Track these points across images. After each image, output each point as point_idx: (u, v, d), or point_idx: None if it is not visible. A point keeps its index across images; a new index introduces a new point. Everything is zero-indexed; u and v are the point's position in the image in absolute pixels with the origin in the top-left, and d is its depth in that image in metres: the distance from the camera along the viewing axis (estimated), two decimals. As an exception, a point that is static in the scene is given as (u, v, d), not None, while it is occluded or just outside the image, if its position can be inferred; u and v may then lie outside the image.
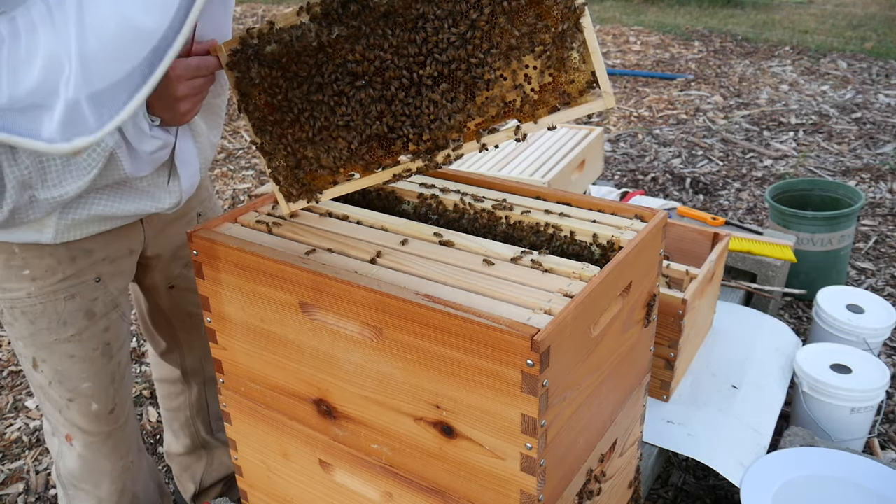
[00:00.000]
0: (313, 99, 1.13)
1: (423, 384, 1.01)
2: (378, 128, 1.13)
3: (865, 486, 1.58)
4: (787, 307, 2.89)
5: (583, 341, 1.01)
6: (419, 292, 0.98)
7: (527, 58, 1.08)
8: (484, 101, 1.10)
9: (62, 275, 1.34)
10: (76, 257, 1.35)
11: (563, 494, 1.07)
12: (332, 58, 1.10)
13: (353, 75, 1.11)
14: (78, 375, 1.43)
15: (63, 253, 1.33)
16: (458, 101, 1.10)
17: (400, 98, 1.11)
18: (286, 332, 1.13)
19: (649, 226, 1.16)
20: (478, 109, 1.11)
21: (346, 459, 1.18)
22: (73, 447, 1.51)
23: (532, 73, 1.08)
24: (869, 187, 3.79)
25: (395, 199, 1.34)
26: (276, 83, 1.12)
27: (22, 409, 2.54)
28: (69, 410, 1.45)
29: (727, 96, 5.18)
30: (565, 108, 1.09)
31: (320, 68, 1.11)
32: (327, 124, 1.14)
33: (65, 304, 1.36)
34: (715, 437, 1.71)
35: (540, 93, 1.09)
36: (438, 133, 1.12)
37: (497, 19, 1.05)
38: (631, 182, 3.99)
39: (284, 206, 1.22)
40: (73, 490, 1.57)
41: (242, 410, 1.29)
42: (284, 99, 1.14)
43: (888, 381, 1.88)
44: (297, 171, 1.19)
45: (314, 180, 1.20)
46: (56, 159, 1.16)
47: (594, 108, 1.09)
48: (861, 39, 6.40)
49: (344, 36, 1.08)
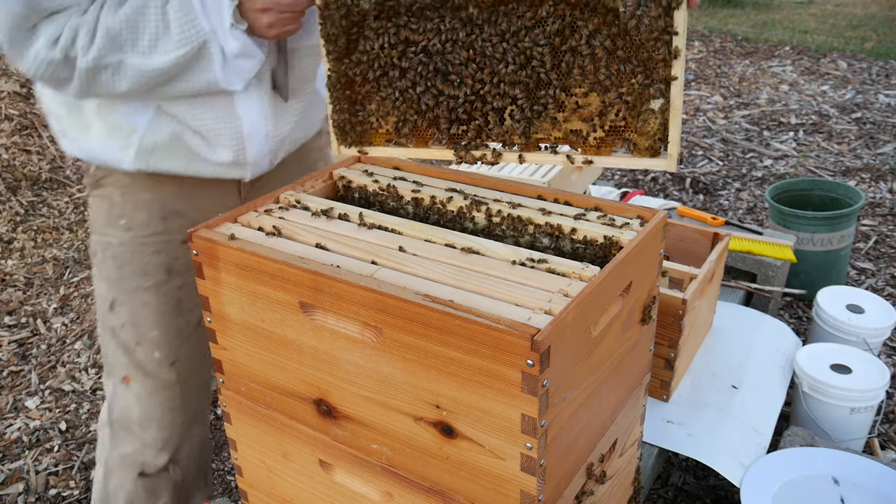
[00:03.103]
0: (397, 65, 1.16)
1: (423, 384, 1.01)
2: (445, 109, 1.16)
3: (865, 486, 1.58)
4: (787, 307, 2.89)
5: (583, 341, 1.01)
6: (419, 292, 0.98)
7: (609, 95, 1.07)
8: (552, 120, 1.12)
9: (153, 230, 1.48)
10: (167, 217, 1.48)
11: (564, 494, 1.07)
12: (427, 30, 1.13)
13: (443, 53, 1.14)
14: (148, 322, 1.53)
15: (157, 211, 1.47)
16: (526, 109, 1.12)
17: (479, 87, 1.13)
18: (286, 332, 1.13)
19: (649, 226, 1.16)
20: (544, 125, 1.12)
21: (346, 459, 1.18)
22: (130, 388, 1.58)
23: (609, 110, 1.08)
24: (869, 187, 3.79)
25: (395, 199, 1.34)
26: (364, 35, 1.17)
27: (22, 409, 2.54)
28: (134, 353, 1.55)
29: (727, 96, 5.18)
30: (626, 156, 1.10)
31: (415, 37, 1.14)
32: (397, 91, 1.18)
33: (150, 257, 1.49)
34: (715, 437, 1.71)
35: (608, 132, 1.09)
36: (499, 130, 1.14)
37: (595, 52, 1.05)
38: (631, 182, 3.99)
39: (336, 146, 1.28)
40: (121, 432, 1.62)
41: (242, 410, 1.29)
42: (364, 53, 1.18)
43: (888, 381, 1.88)
44: (354, 119, 1.25)
45: (368, 133, 1.26)
46: (151, 25, 1.21)
47: (655, 166, 1.09)
48: (861, 39, 6.40)
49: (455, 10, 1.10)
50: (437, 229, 1.19)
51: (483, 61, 1.12)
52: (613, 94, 1.07)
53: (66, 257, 3.49)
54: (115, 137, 1.37)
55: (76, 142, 1.42)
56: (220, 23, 1.25)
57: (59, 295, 3.20)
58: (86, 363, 2.76)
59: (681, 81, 1.04)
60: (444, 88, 1.16)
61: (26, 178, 3.99)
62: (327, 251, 1.13)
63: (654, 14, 1.00)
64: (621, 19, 1.02)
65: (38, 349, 2.86)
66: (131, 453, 1.63)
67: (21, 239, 3.59)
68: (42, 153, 4.19)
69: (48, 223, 3.73)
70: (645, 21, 1.00)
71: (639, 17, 1.00)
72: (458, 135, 1.19)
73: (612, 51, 1.05)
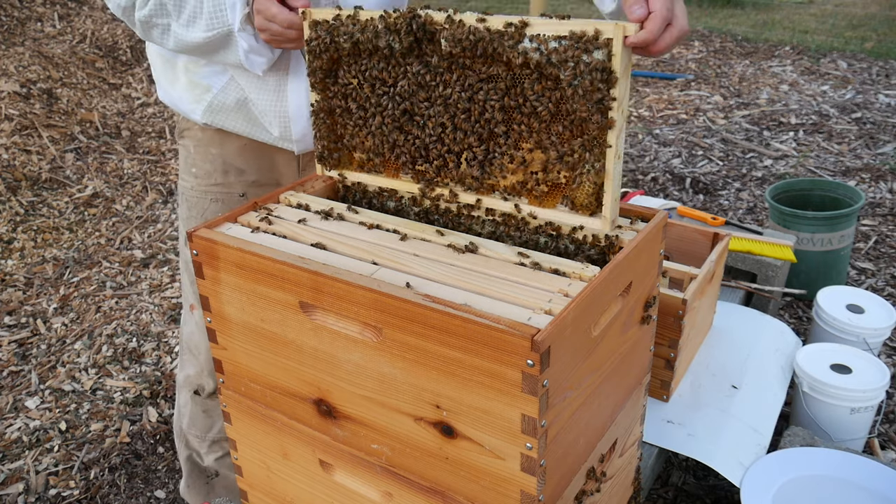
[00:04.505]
0: (371, 101, 1.27)
1: (424, 384, 1.01)
2: (411, 146, 1.26)
3: (865, 486, 1.58)
4: (787, 307, 2.89)
5: (583, 341, 1.01)
6: (419, 292, 0.98)
7: (551, 154, 1.13)
8: (501, 169, 1.19)
9: (215, 181, 1.66)
10: (228, 171, 1.65)
11: (564, 494, 1.07)
12: (396, 71, 1.22)
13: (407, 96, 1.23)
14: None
15: (220, 164, 1.64)
16: (479, 156, 1.20)
17: (439, 130, 1.22)
18: (286, 332, 1.13)
19: (649, 226, 1.16)
20: (495, 173, 1.20)
21: (347, 459, 1.18)
22: (193, 315, 1.78)
23: (551, 168, 1.14)
24: (869, 187, 3.79)
25: (395, 199, 1.34)
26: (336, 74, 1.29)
27: (22, 409, 2.54)
28: (197, 285, 1.70)
29: (727, 96, 5.18)
30: (567, 212, 1.16)
31: (389, 76, 1.23)
32: (370, 125, 1.29)
33: (210, 204, 1.68)
34: (715, 437, 1.71)
35: (550, 188, 1.16)
36: (456, 173, 1.23)
37: (540, 113, 1.11)
38: (631, 182, 3.99)
39: (319, 169, 1.39)
40: (186, 353, 1.84)
41: (242, 410, 1.29)
42: (343, 86, 1.29)
43: (888, 381, 1.88)
44: (334, 146, 1.36)
45: (346, 159, 1.36)
46: (191, 2, 1.38)
47: (591, 224, 1.14)
48: (861, 39, 6.40)
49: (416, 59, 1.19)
50: (437, 229, 1.19)
51: (443, 107, 1.19)
52: (554, 154, 1.13)
53: (66, 257, 3.49)
54: (193, 91, 1.56)
55: (165, 90, 1.63)
56: (235, 22, 1.37)
57: (59, 295, 3.20)
58: (86, 363, 2.76)
59: (616, 149, 1.07)
60: (410, 128, 1.25)
61: (26, 178, 3.99)
62: (327, 251, 1.13)
63: (590, 86, 1.04)
64: (561, 85, 1.07)
65: (38, 349, 2.86)
66: (192, 375, 1.83)
67: (21, 239, 3.59)
68: (42, 153, 4.19)
69: (48, 223, 3.73)
70: (580, 91, 1.05)
71: (575, 86, 1.05)
72: (423, 171, 1.27)
73: (556, 113, 1.11)
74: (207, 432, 1.88)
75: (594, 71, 1.03)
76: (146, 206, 3.98)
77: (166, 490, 2.23)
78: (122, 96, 5.00)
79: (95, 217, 3.85)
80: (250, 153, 1.64)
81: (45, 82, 4.72)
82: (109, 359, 2.80)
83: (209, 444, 1.89)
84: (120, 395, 2.60)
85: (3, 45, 4.95)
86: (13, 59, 4.80)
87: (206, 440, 1.88)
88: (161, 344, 2.88)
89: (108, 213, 3.90)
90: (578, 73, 1.04)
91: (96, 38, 5.43)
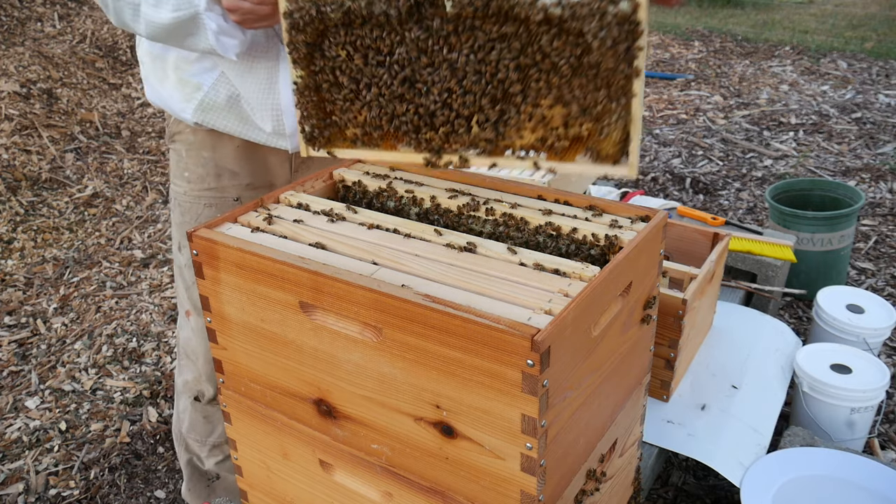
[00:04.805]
0: (364, 72, 1.19)
1: (424, 384, 1.01)
2: (414, 115, 1.19)
3: (865, 486, 1.58)
4: (787, 307, 2.89)
5: (583, 341, 1.01)
6: (419, 292, 0.98)
7: (573, 108, 1.10)
8: (517, 129, 1.14)
9: (208, 185, 1.62)
10: (221, 175, 1.62)
11: (564, 494, 1.07)
12: (391, 36, 1.15)
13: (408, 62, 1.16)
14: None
15: (212, 168, 1.61)
16: (493, 118, 1.15)
17: (446, 96, 1.16)
18: (286, 332, 1.13)
19: (649, 226, 1.16)
20: (510, 133, 1.15)
21: (347, 459, 1.18)
22: (189, 322, 1.76)
23: (572, 122, 1.11)
24: (869, 187, 3.79)
25: (395, 199, 1.34)
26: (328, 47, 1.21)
27: (22, 409, 2.54)
28: (192, 291, 1.71)
29: (727, 96, 5.18)
30: (588, 163, 1.13)
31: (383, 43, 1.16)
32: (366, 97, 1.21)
33: (204, 209, 1.65)
34: (715, 437, 1.71)
35: (571, 142, 1.12)
36: (467, 137, 1.17)
37: (561, 68, 1.08)
38: (631, 182, 3.99)
39: (304, 149, 1.31)
40: (184, 359, 1.82)
41: (242, 410, 1.29)
42: (331, 60, 1.21)
43: (888, 381, 1.88)
44: (322, 124, 1.28)
45: (336, 136, 1.29)
46: None
47: (615, 172, 1.12)
48: (861, 39, 6.40)
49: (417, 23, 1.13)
50: (437, 229, 1.19)
51: (450, 72, 1.14)
52: (576, 108, 1.10)
53: (66, 257, 3.49)
54: (183, 90, 1.52)
55: (154, 89, 1.59)
56: (202, 1, 1.32)
57: (59, 295, 3.20)
58: (86, 363, 2.76)
59: (640, 96, 1.07)
60: (413, 97, 1.18)
61: (26, 178, 3.99)
62: (327, 251, 1.13)
63: (617, 37, 1.02)
64: (586, 38, 1.04)
65: (38, 349, 2.86)
66: (190, 381, 1.80)
67: (21, 239, 3.59)
68: (42, 153, 4.19)
69: (48, 223, 3.73)
70: (607, 43, 1.03)
71: (602, 38, 1.03)
72: (428, 140, 1.21)
73: (577, 67, 1.08)
74: (208, 437, 1.87)
75: (621, 23, 1.01)
76: (146, 206, 3.98)
77: (166, 490, 2.23)
78: (122, 96, 5.00)
79: (95, 217, 3.85)
80: (243, 155, 1.61)
81: (45, 82, 4.72)
82: (109, 359, 2.80)
83: (209, 447, 1.88)
84: (120, 395, 2.60)
85: (3, 45, 4.95)
86: (13, 59, 4.80)
87: (206, 444, 1.88)
88: (161, 344, 2.88)
89: (108, 213, 3.90)
90: (604, 25, 1.02)
91: (96, 38, 5.43)
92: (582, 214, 1.22)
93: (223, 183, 1.63)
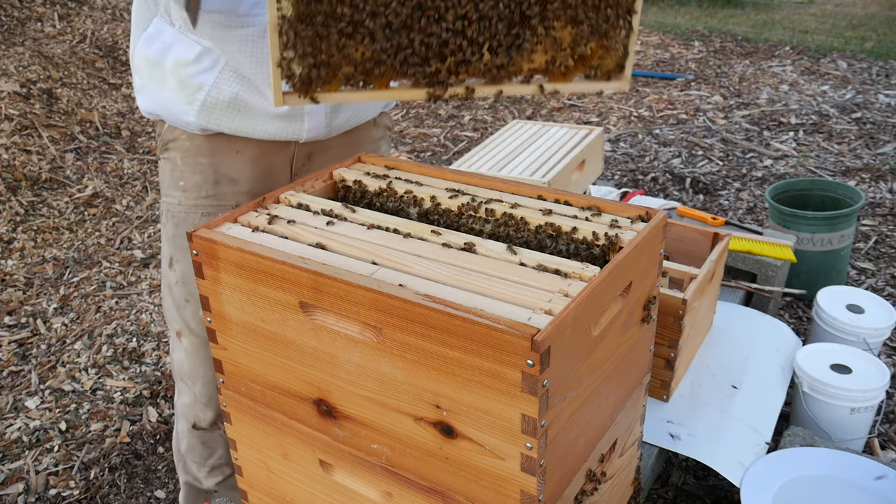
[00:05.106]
0: None
1: (424, 384, 1.01)
2: (421, 44, 1.13)
3: (865, 486, 1.58)
4: (787, 307, 2.89)
5: (583, 341, 1.01)
6: (419, 292, 0.98)
7: (583, 27, 1.14)
8: (528, 53, 1.16)
9: (206, 193, 1.56)
10: (220, 182, 1.56)
11: (564, 494, 1.07)
12: None
13: None
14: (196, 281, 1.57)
15: (210, 175, 1.55)
16: (507, 43, 1.15)
17: (458, 23, 1.13)
18: (286, 332, 1.13)
19: (649, 226, 1.16)
20: (518, 58, 1.16)
21: (346, 459, 1.18)
22: (181, 343, 1.68)
23: (580, 41, 1.15)
24: (869, 187, 3.79)
25: (395, 199, 1.34)
26: None
27: (22, 409, 2.54)
28: (184, 310, 1.64)
29: (727, 96, 5.18)
30: (584, 81, 1.17)
31: None
32: (368, 30, 1.11)
33: (201, 218, 1.58)
34: (715, 437, 1.71)
35: (576, 61, 1.16)
36: (478, 65, 1.15)
37: None
38: (631, 182, 3.99)
39: (279, 99, 1.13)
40: (179, 382, 1.75)
41: (242, 410, 1.29)
42: None
43: (888, 381, 1.88)
44: (311, 63, 1.13)
45: (328, 79, 1.16)
46: None
47: (610, 87, 1.17)
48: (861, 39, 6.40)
49: None
50: (436, 229, 1.19)
51: None
52: (587, 27, 1.14)
53: (66, 257, 3.49)
54: (183, 92, 1.49)
55: (153, 96, 1.54)
56: None
57: (59, 295, 3.20)
58: (86, 363, 2.76)
59: (639, 10, 1.16)
60: (424, 25, 1.11)
61: (26, 178, 3.99)
62: (327, 251, 1.13)
63: None
64: None
65: (38, 349, 2.86)
66: (187, 404, 1.74)
67: (21, 239, 3.59)
68: (42, 153, 4.19)
69: (48, 223, 3.73)
70: None
71: None
72: (434, 72, 1.15)
73: None
74: (207, 459, 1.81)
75: None
76: (146, 206, 3.98)
77: (166, 490, 2.23)
78: (122, 96, 5.00)
79: (95, 217, 3.85)
80: (244, 160, 1.56)
81: (45, 82, 4.72)
82: (109, 359, 2.80)
83: (209, 469, 1.82)
84: (120, 395, 2.60)
85: (3, 45, 4.95)
86: (13, 59, 4.80)
87: (205, 466, 1.82)
88: (161, 344, 2.88)
89: (108, 213, 3.90)
90: None
91: (96, 38, 5.43)
92: (582, 214, 1.22)
93: (222, 190, 1.57)
